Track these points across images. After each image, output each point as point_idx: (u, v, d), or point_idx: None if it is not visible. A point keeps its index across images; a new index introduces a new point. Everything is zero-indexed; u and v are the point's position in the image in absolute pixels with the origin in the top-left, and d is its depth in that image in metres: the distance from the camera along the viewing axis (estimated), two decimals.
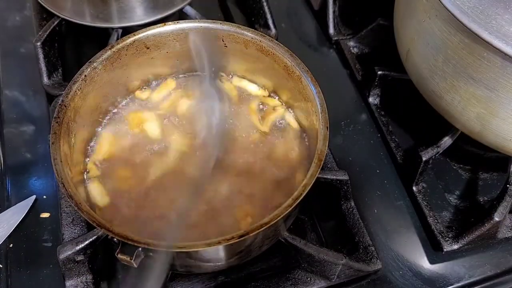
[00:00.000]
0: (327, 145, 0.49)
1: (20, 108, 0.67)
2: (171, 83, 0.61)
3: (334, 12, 0.77)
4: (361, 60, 0.74)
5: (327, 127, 0.50)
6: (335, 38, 0.76)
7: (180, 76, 0.62)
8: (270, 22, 0.74)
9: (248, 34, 0.56)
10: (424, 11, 0.54)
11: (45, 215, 0.58)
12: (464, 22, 0.47)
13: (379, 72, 0.67)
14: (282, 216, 0.44)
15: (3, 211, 0.58)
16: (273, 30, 0.74)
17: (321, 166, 0.47)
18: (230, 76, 0.62)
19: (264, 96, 0.61)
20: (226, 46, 0.58)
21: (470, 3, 0.47)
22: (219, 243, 0.43)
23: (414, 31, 0.57)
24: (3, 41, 0.74)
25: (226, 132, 0.57)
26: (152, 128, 0.58)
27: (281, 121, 0.59)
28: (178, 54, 0.59)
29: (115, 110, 0.59)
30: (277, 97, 0.60)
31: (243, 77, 0.61)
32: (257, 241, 0.49)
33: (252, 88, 0.61)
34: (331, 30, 0.76)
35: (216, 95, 0.59)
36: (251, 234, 0.43)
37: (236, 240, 0.43)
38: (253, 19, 0.76)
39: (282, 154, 0.56)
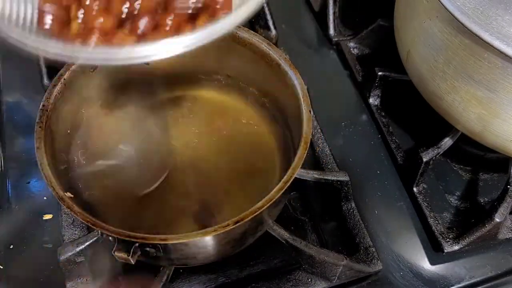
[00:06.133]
0: (311, 127, 0.50)
1: (21, 109, 0.67)
2: None
3: (334, 13, 0.76)
4: (362, 61, 0.74)
5: (309, 110, 0.50)
6: (336, 39, 0.76)
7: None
8: (270, 23, 0.74)
9: None
10: (424, 12, 0.54)
11: (47, 216, 0.59)
12: (465, 23, 0.47)
13: (380, 73, 0.67)
14: (274, 199, 0.45)
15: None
16: (274, 31, 0.74)
17: (307, 149, 0.48)
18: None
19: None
20: None
21: (471, 4, 0.47)
22: (215, 231, 0.43)
23: (414, 32, 0.57)
24: (4, 41, 0.74)
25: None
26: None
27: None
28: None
29: None
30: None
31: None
32: (250, 227, 0.49)
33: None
34: (332, 31, 0.76)
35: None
36: (245, 220, 0.44)
37: (232, 227, 0.43)
38: (253, 20, 0.76)
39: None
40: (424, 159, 0.59)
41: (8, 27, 0.38)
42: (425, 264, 0.58)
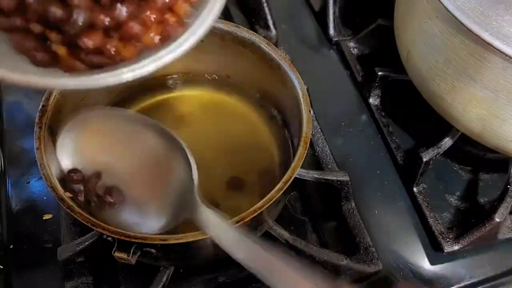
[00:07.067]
0: (311, 127, 0.50)
1: (21, 109, 0.67)
2: None
3: (334, 13, 0.77)
4: (362, 61, 0.74)
5: (309, 110, 0.51)
6: (336, 39, 0.76)
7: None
8: (270, 23, 0.74)
9: (223, 27, 0.56)
10: (424, 12, 0.54)
11: (47, 216, 0.59)
12: (465, 23, 0.47)
13: (380, 73, 0.67)
14: (274, 199, 0.45)
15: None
16: (273, 31, 0.74)
17: (307, 149, 0.48)
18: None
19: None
20: (202, 41, 0.58)
21: (471, 4, 0.47)
22: None
23: (414, 32, 0.57)
24: None
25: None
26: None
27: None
28: None
29: None
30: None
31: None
32: (250, 227, 0.49)
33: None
34: (332, 31, 0.76)
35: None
36: (245, 220, 0.44)
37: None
38: (253, 20, 0.76)
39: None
40: (424, 159, 0.59)
41: None
42: (425, 264, 0.58)
